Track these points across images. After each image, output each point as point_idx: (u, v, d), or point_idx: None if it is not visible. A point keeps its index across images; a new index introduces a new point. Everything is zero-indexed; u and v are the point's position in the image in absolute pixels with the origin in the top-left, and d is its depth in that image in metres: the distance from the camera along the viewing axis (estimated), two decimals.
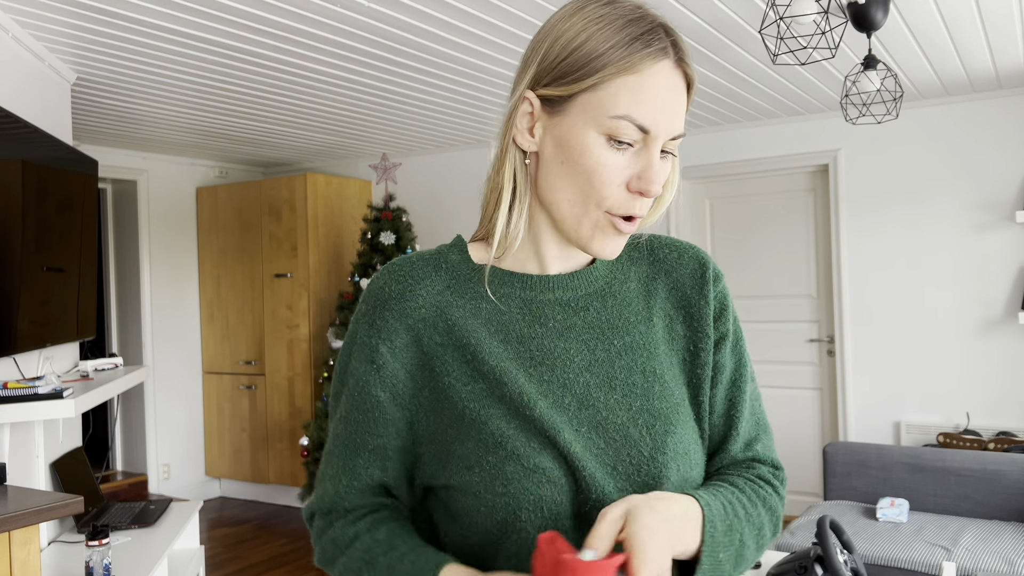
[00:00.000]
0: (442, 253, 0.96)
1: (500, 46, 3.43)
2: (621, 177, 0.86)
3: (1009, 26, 3.41)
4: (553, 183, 0.90)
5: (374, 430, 0.92)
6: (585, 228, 0.90)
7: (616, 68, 0.85)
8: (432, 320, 0.91)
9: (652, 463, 0.88)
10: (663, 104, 0.86)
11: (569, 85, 0.87)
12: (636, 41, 0.85)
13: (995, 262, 4.50)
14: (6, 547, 1.93)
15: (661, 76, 0.86)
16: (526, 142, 0.91)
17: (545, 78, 0.89)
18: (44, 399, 2.62)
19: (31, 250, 2.97)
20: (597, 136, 0.86)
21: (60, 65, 3.50)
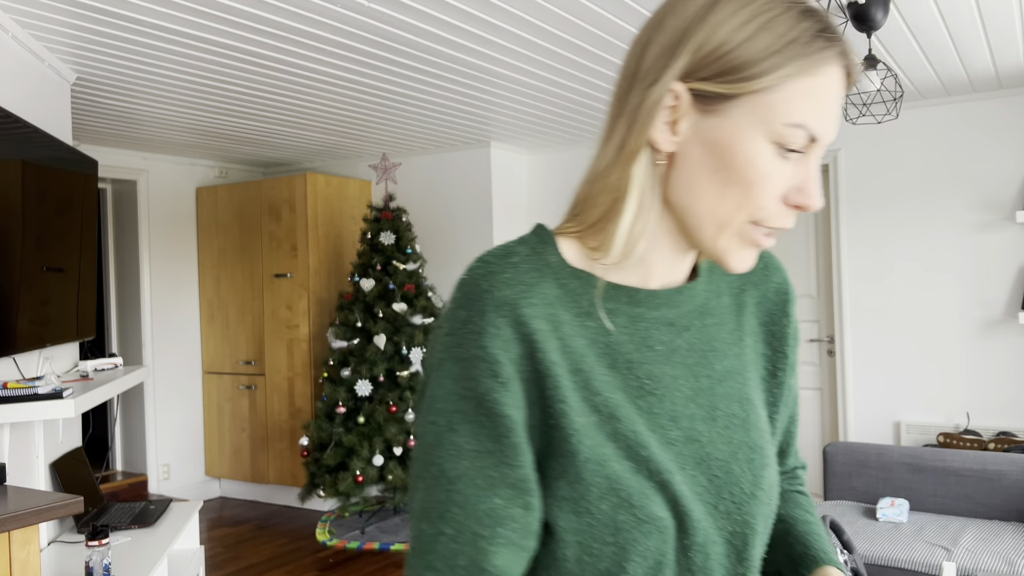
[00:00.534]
0: (539, 253, 0.82)
1: (500, 46, 3.43)
2: (783, 189, 0.77)
3: (1009, 26, 3.41)
4: (697, 190, 0.79)
5: (512, 459, 0.75)
6: (724, 240, 0.79)
7: (796, 68, 0.74)
8: (546, 335, 0.77)
9: (752, 500, 0.83)
10: (834, 111, 0.77)
11: (737, 83, 0.75)
12: (817, 38, 0.75)
13: (995, 262, 4.50)
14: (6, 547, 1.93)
15: (836, 80, 0.76)
16: (665, 141, 0.78)
17: (702, 71, 0.76)
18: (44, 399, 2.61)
19: (31, 250, 2.97)
20: (765, 143, 0.75)
21: (60, 65, 3.50)
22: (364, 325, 5.21)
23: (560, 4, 2.95)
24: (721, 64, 0.75)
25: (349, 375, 5.17)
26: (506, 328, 0.76)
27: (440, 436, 0.75)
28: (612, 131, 0.81)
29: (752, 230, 0.79)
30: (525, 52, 3.52)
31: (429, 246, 5.90)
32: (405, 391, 5.11)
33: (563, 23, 3.16)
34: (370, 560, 4.65)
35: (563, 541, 0.77)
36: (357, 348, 5.22)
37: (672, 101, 0.77)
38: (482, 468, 0.74)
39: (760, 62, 0.74)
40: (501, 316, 0.76)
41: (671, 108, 0.77)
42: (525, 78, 3.95)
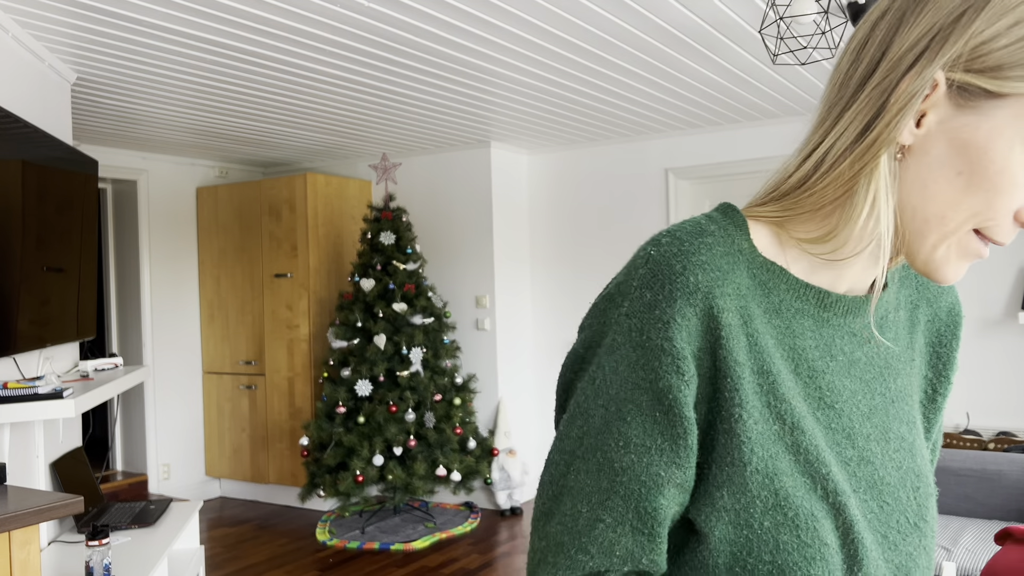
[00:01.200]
0: (731, 236, 0.74)
1: (500, 46, 3.43)
2: (1022, 202, 0.70)
3: None
4: (932, 191, 0.71)
5: (684, 460, 0.70)
6: (943, 248, 0.72)
7: None
8: (736, 330, 0.71)
9: (916, 532, 0.78)
10: None
11: (1010, 81, 0.67)
12: None
13: (995, 262, 4.50)
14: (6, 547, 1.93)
15: None
16: (906, 133, 0.70)
17: (973, 63, 0.68)
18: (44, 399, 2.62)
19: (31, 250, 2.97)
20: (1022, 152, 0.68)
21: (60, 65, 3.50)
22: (364, 325, 5.22)
23: (560, 4, 2.95)
24: (996, 58, 0.67)
25: (349, 375, 5.17)
26: (695, 319, 0.69)
27: (609, 423, 0.70)
28: (845, 112, 0.73)
29: (973, 240, 0.71)
30: (525, 52, 3.52)
31: (429, 246, 5.90)
32: (405, 391, 5.11)
33: (563, 23, 3.16)
34: (370, 560, 4.65)
35: (716, 551, 0.71)
36: (357, 348, 5.22)
37: (929, 91, 0.69)
38: (650, 465, 0.70)
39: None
40: (692, 305, 0.69)
41: (924, 98, 0.69)
42: (525, 78, 3.95)
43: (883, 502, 0.76)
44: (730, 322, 0.70)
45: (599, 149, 5.74)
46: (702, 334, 0.69)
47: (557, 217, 5.91)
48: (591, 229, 5.77)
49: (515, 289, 5.88)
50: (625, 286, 0.71)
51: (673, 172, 5.45)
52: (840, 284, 0.78)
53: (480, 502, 5.69)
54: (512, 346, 5.82)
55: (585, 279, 5.79)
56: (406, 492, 5.05)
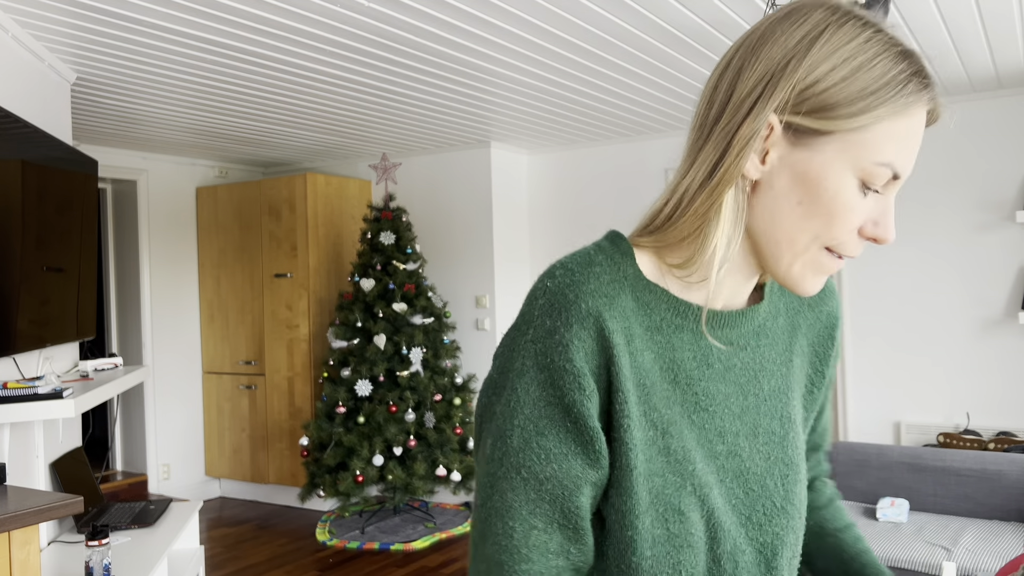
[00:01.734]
0: (617, 264, 0.83)
1: (500, 46, 3.43)
2: (860, 221, 0.79)
3: (1009, 26, 3.41)
4: (779, 218, 0.81)
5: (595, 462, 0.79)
6: (798, 266, 0.82)
7: (891, 109, 0.76)
8: (622, 348, 0.79)
9: (782, 513, 0.88)
10: (916, 149, 0.80)
11: (832, 120, 0.77)
12: (912, 80, 0.77)
13: (995, 262, 4.50)
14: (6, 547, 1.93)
15: (920, 119, 0.79)
16: (754, 170, 0.80)
17: (799, 105, 0.77)
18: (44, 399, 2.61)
19: (31, 250, 2.97)
20: (852, 179, 0.78)
21: (60, 65, 3.50)
22: (364, 325, 5.22)
23: (560, 4, 2.95)
24: (818, 100, 0.77)
25: (349, 375, 5.17)
26: (590, 340, 0.77)
27: (528, 439, 0.78)
28: (698, 153, 0.83)
29: (825, 257, 0.81)
30: (525, 52, 3.52)
31: (429, 246, 5.90)
32: (405, 391, 5.11)
33: (563, 23, 3.16)
34: (370, 560, 4.65)
35: (607, 541, 0.81)
36: (357, 348, 5.22)
37: (766, 132, 0.79)
38: (569, 470, 0.78)
39: (857, 102, 0.76)
40: (586, 328, 0.77)
41: (763, 138, 0.79)
42: (525, 78, 3.95)
43: (749, 488, 0.86)
44: (618, 341, 0.79)
45: (599, 149, 5.74)
46: (597, 353, 0.78)
47: (557, 217, 5.91)
48: (591, 229, 5.74)
49: (515, 289, 5.88)
50: (528, 315, 0.80)
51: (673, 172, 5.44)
52: (717, 301, 0.87)
53: None
54: None
55: None
56: (406, 492, 5.05)
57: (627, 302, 0.81)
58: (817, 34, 0.77)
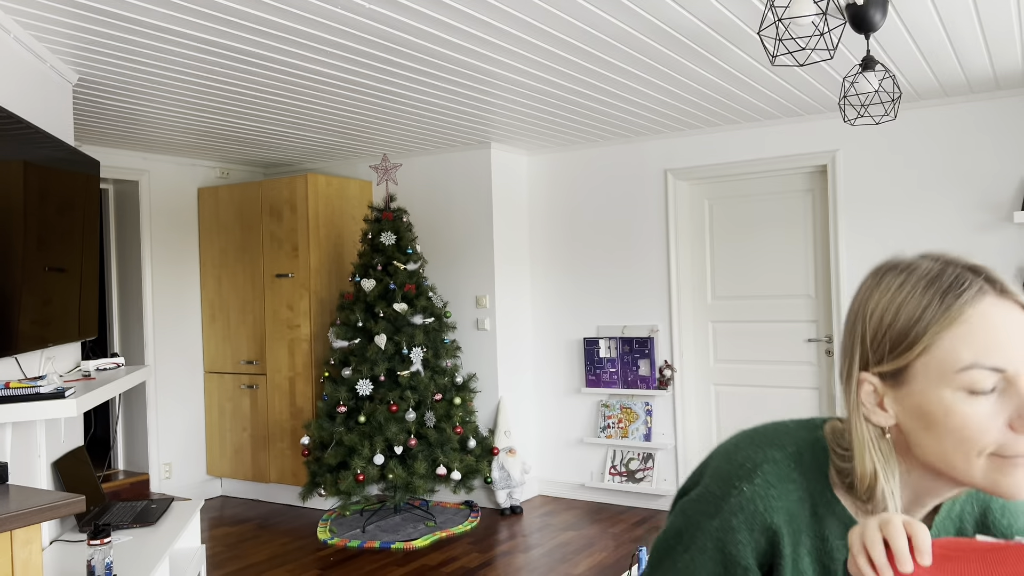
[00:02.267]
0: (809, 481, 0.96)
1: (500, 47, 3.44)
2: (997, 422, 0.84)
3: (1007, 27, 3.42)
4: (926, 448, 0.88)
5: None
6: (979, 475, 0.87)
7: (939, 326, 0.86)
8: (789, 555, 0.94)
9: None
10: (1009, 337, 0.84)
11: (900, 357, 0.88)
12: (947, 294, 0.86)
13: (993, 262, 4.49)
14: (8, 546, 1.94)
15: (992, 314, 0.85)
16: (882, 419, 0.91)
17: (874, 357, 0.90)
18: (46, 399, 2.63)
19: (33, 250, 2.99)
20: (954, 393, 0.85)
21: (62, 66, 3.51)
22: (365, 325, 5.23)
23: (559, 5, 2.96)
24: (883, 347, 0.90)
25: (350, 374, 5.19)
26: (765, 544, 0.93)
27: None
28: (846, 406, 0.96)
29: (1004, 461, 0.85)
30: (524, 53, 3.53)
31: (429, 246, 5.92)
32: (406, 390, 5.12)
33: (562, 24, 3.17)
34: (371, 559, 4.67)
35: None
36: (358, 348, 5.23)
37: (870, 387, 0.91)
38: None
39: (909, 333, 0.87)
40: (765, 536, 0.93)
41: (873, 392, 0.91)
42: (524, 79, 3.96)
43: None
44: (786, 552, 0.93)
45: (598, 150, 5.75)
46: (766, 554, 0.93)
47: (557, 218, 5.92)
48: (591, 230, 5.78)
49: (515, 289, 5.89)
50: (719, 502, 0.95)
51: (672, 173, 5.46)
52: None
53: (480, 501, 5.71)
54: (512, 346, 5.83)
55: (585, 279, 5.80)
56: (406, 491, 5.06)
57: (806, 515, 0.94)
58: (868, 294, 0.92)
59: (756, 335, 5.29)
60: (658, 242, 5.51)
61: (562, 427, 5.89)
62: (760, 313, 5.29)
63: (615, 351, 5.60)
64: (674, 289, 5.46)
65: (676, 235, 5.46)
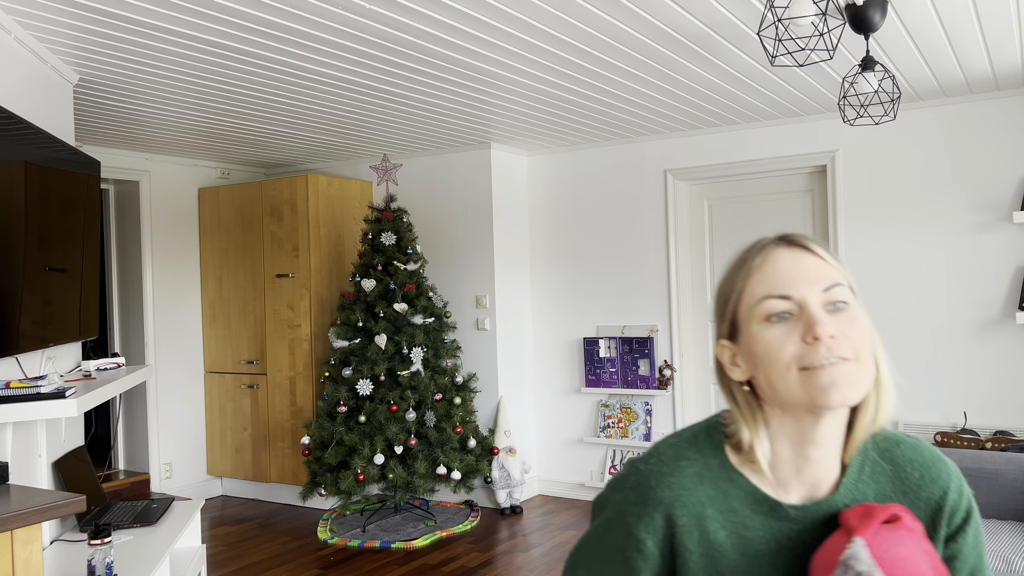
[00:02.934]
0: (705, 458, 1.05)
1: (500, 47, 3.44)
2: (794, 338, 0.97)
3: (1006, 28, 3.42)
4: (763, 383, 1.00)
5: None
6: (796, 391, 0.98)
7: (743, 276, 1.03)
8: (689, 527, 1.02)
9: None
10: (791, 272, 0.99)
11: (728, 317, 1.04)
12: (749, 253, 1.04)
13: (992, 262, 4.52)
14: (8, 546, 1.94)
15: (776, 257, 1.01)
16: (738, 374, 1.04)
17: (722, 324, 1.06)
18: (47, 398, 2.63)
19: (34, 250, 2.99)
20: (759, 325, 1.00)
21: (62, 66, 3.52)
22: (365, 325, 5.23)
23: (559, 6, 2.96)
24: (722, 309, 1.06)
25: (350, 374, 5.19)
26: (660, 519, 1.02)
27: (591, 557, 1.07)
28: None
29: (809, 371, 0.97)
30: (524, 54, 3.54)
31: (430, 246, 5.92)
32: (406, 390, 5.13)
33: (562, 25, 3.18)
34: (371, 558, 4.67)
35: None
36: (358, 348, 5.24)
37: (725, 351, 1.05)
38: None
39: (732, 289, 1.04)
40: (658, 511, 1.02)
41: (727, 353, 1.05)
42: (525, 80, 3.97)
43: None
44: (684, 523, 1.01)
45: (598, 150, 5.75)
46: (662, 529, 1.01)
47: (557, 218, 5.92)
48: (590, 230, 5.78)
49: (515, 289, 5.89)
50: (625, 482, 1.06)
51: (672, 173, 5.46)
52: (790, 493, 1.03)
53: (480, 500, 5.71)
54: (512, 346, 5.84)
55: (584, 279, 5.81)
56: (407, 491, 5.06)
57: (705, 491, 1.02)
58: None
59: None
60: (658, 242, 5.52)
61: (562, 427, 5.90)
62: None
63: (615, 351, 5.60)
64: (674, 289, 5.46)
65: (676, 235, 5.47)
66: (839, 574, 0.89)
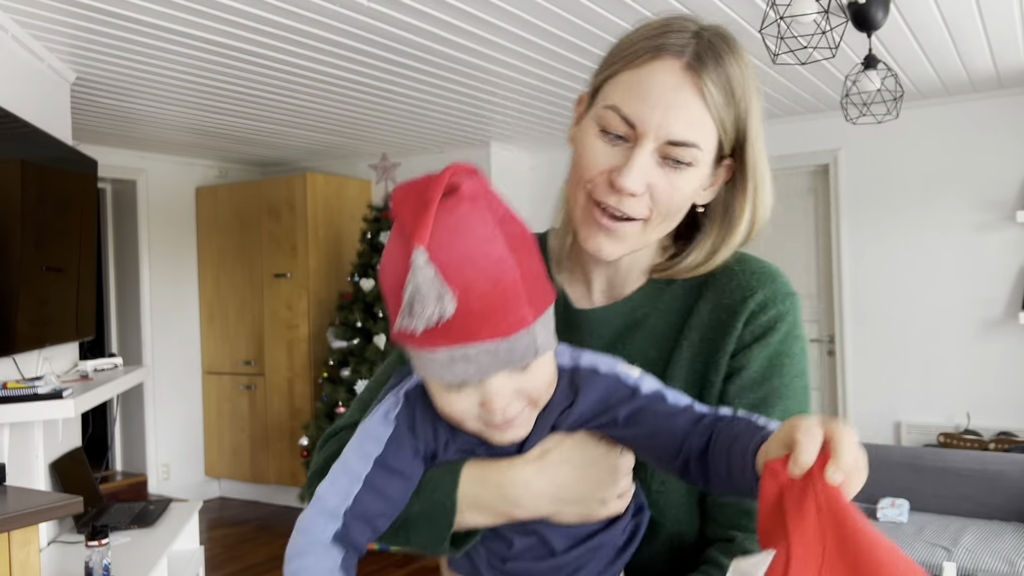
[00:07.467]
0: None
1: (500, 46, 3.42)
2: (604, 164, 0.86)
3: (1009, 26, 3.41)
4: (570, 176, 0.93)
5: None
6: (577, 213, 0.91)
7: (623, 63, 0.87)
8: None
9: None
10: (656, 101, 0.84)
11: (597, 79, 0.91)
12: (652, 39, 0.86)
13: (995, 262, 4.50)
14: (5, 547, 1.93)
15: (661, 73, 0.84)
16: (571, 135, 0.95)
17: (595, 76, 0.93)
18: (43, 399, 2.61)
19: (30, 250, 2.97)
20: (593, 125, 0.88)
21: (59, 65, 3.49)
22: (364, 325, 5.21)
23: (560, 4, 2.95)
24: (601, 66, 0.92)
25: (349, 375, 5.17)
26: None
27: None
28: None
29: (591, 209, 0.88)
30: (525, 52, 3.52)
31: None
32: None
33: (563, 23, 3.16)
34: (370, 560, 4.65)
35: None
36: (357, 348, 5.22)
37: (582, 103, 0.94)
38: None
39: (613, 61, 0.89)
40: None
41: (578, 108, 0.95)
42: (525, 78, 3.95)
43: None
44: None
45: None
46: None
47: None
48: None
49: None
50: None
51: None
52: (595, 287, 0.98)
53: None
54: None
55: None
56: None
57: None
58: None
59: None
60: None
61: None
62: None
63: None
64: None
65: None
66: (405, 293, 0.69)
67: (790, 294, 0.93)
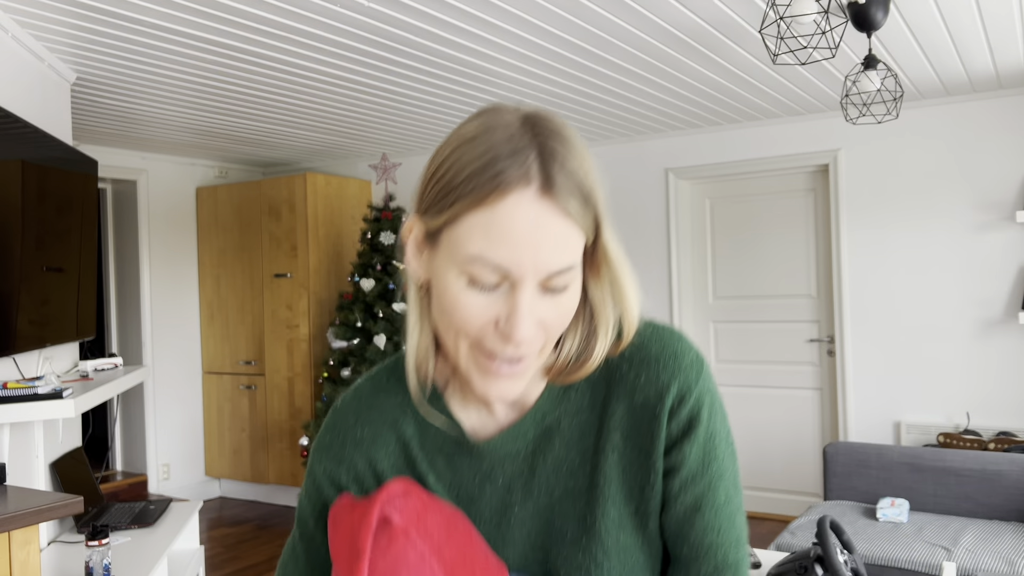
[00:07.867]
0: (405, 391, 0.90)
1: (500, 46, 3.43)
2: (485, 316, 0.77)
3: (1009, 26, 3.41)
4: (438, 318, 0.82)
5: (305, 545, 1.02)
6: (463, 364, 0.81)
7: (467, 203, 0.75)
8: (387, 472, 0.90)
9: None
10: (525, 242, 0.74)
11: (434, 218, 0.78)
12: (489, 168, 0.74)
13: (995, 262, 4.50)
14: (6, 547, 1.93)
15: (517, 211, 0.74)
16: (418, 269, 0.83)
17: (422, 206, 0.80)
18: (44, 399, 2.61)
19: (31, 250, 2.97)
20: (458, 276, 0.77)
21: (60, 65, 3.50)
22: (364, 325, 5.21)
23: (560, 4, 2.95)
24: (428, 200, 0.79)
25: (349, 375, 5.17)
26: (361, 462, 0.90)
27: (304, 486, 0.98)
28: None
29: (482, 360, 0.80)
30: (525, 52, 3.52)
31: None
32: None
33: (563, 23, 3.16)
34: None
35: None
36: (357, 348, 5.22)
37: (416, 234, 0.82)
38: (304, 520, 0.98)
39: (445, 198, 0.76)
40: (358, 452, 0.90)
41: (415, 239, 0.82)
42: (525, 78, 3.95)
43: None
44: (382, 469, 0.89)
45: (599, 149, 5.73)
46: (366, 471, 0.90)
47: None
48: None
49: None
50: (326, 418, 0.93)
51: (673, 172, 5.45)
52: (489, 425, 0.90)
53: None
54: None
55: None
56: None
57: (407, 428, 0.89)
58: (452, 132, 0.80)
59: (757, 335, 5.28)
60: (659, 242, 5.50)
61: None
62: (761, 313, 5.27)
63: None
64: (675, 289, 5.45)
65: (677, 235, 5.45)
66: None
67: (698, 365, 0.88)
